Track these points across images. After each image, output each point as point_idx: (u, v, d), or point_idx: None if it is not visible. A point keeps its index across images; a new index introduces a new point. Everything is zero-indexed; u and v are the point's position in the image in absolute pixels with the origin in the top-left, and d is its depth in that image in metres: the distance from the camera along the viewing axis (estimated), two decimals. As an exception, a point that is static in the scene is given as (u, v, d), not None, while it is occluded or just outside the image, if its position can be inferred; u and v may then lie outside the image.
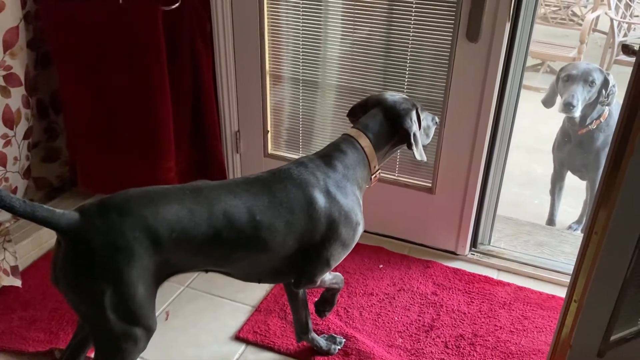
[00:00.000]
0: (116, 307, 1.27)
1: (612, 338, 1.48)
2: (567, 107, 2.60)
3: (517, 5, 1.96)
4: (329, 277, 1.63)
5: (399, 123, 1.62)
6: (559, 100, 2.73)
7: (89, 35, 2.20)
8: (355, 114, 1.71)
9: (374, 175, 1.62)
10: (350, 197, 1.54)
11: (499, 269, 2.33)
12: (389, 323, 2.02)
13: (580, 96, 2.60)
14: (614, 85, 2.64)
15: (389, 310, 2.08)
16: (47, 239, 2.33)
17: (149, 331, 1.35)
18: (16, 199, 1.19)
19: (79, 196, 2.57)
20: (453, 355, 1.89)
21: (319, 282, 1.58)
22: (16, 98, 2.11)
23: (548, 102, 2.84)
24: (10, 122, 2.09)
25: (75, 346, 1.57)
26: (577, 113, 2.62)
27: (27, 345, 1.87)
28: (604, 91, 2.63)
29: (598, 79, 2.62)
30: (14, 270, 2.05)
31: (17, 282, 2.04)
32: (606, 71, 2.69)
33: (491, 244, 2.46)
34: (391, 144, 1.65)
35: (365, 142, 1.59)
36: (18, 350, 1.85)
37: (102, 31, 2.18)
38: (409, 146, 1.62)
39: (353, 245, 1.59)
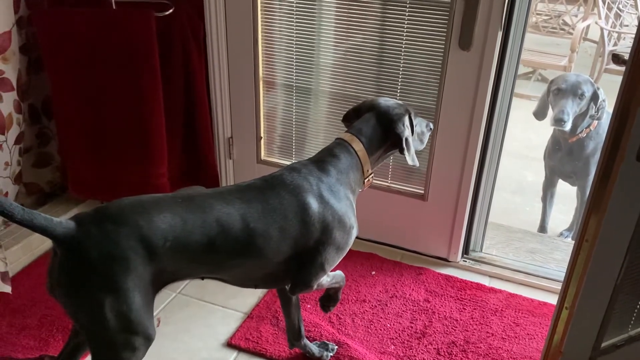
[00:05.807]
0: (114, 316, 1.26)
1: (603, 345, 1.49)
2: (559, 122, 2.64)
3: (509, 14, 1.98)
4: (326, 279, 1.62)
5: (391, 128, 1.63)
6: (550, 113, 2.75)
7: (81, 41, 2.19)
8: (350, 118, 1.72)
9: (367, 179, 1.63)
10: (344, 201, 1.54)
11: (490, 276, 2.34)
12: (381, 330, 2.02)
13: (571, 110, 2.63)
14: (604, 100, 2.66)
15: (381, 317, 2.08)
16: (37, 244, 2.31)
17: (148, 340, 1.35)
18: (15, 206, 1.18)
19: (70, 202, 2.56)
20: (445, 362, 1.90)
21: (315, 287, 1.58)
22: (8, 103, 2.10)
23: (539, 114, 2.86)
24: (1, 127, 2.08)
25: (68, 354, 1.55)
26: (568, 127, 2.65)
27: (16, 352, 1.85)
28: (593, 105, 2.66)
29: (588, 90, 2.64)
30: (4, 277, 2.03)
31: (7, 289, 2.03)
32: (596, 85, 2.71)
33: (483, 251, 2.46)
34: (384, 149, 1.66)
35: (358, 146, 1.60)
36: (7, 357, 1.84)
37: (94, 37, 2.18)
38: (401, 151, 1.63)
39: (347, 249, 1.59)
